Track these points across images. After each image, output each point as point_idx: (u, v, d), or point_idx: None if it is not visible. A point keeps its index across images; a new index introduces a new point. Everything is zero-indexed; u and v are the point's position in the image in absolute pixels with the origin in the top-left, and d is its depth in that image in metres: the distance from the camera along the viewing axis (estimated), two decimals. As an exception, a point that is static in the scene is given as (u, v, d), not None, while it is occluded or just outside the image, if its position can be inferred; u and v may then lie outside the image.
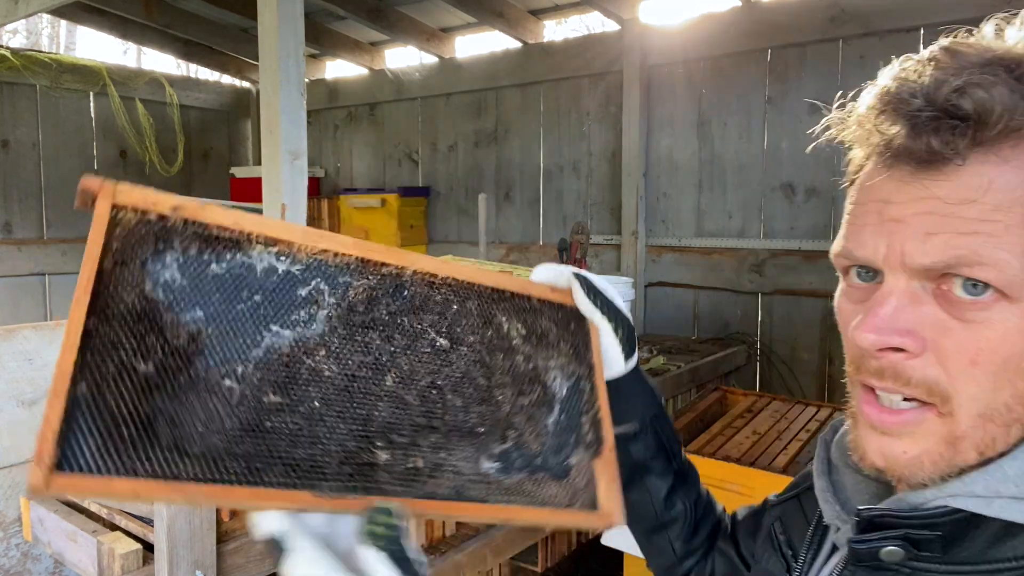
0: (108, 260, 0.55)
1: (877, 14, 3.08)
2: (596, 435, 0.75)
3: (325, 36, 4.69)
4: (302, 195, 1.98)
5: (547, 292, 0.76)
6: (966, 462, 0.52)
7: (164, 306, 0.57)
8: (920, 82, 0.50)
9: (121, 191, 0.57)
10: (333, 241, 0.64)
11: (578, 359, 0.76)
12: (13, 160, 4.48)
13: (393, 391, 0.65)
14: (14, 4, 2.90)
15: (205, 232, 0.59)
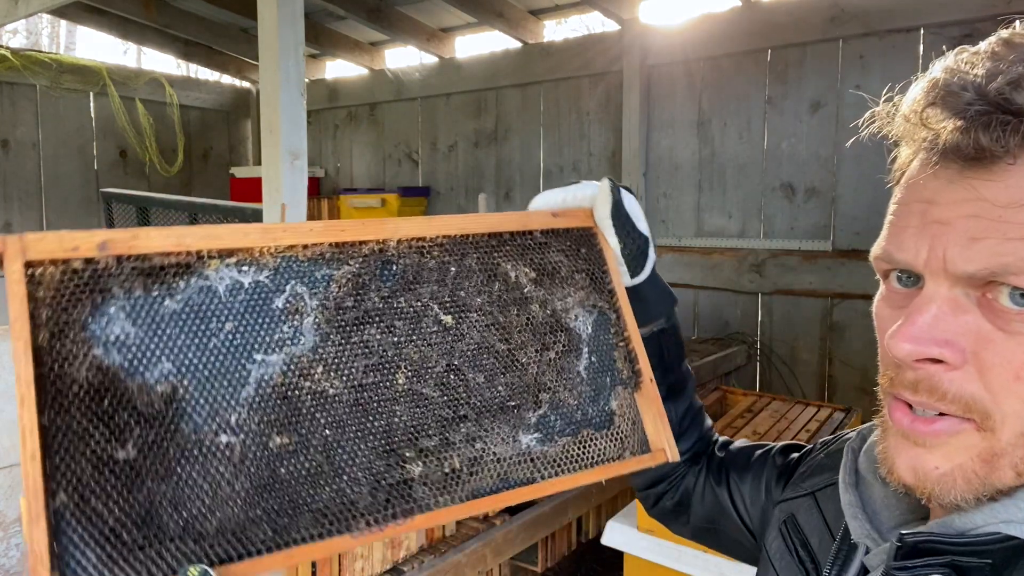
0: (41, 334, 0.46)
1: (877, 14, 3.08)
2: (632, 368, 0.71)
3: (325, 36, 4.68)
4: (302, 195, 1.98)
5: (549, 220, 0.70)
6: (1002, 482, 0.48)
7: (124, 370, 0.48)
8: (973, 74, 0.46)
9: (30, 243, 0.47)
10: (298, 232, 0.56)
11: (596, 288, 0.71)
12: (13, 160, 4.48)
13: (408, 389, 0.59)
14: (14, 4, 2.90)
15: (146, 265, 0.50)
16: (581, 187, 0.74)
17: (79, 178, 4.78)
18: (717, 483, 0.83)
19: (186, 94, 5.30)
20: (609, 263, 0.72)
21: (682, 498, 0.86)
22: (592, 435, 0.67)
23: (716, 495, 0.83)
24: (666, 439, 0.70)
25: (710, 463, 0.86)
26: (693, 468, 0.87)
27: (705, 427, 0.88)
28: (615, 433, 0.68)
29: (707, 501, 0.84)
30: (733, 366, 3.35)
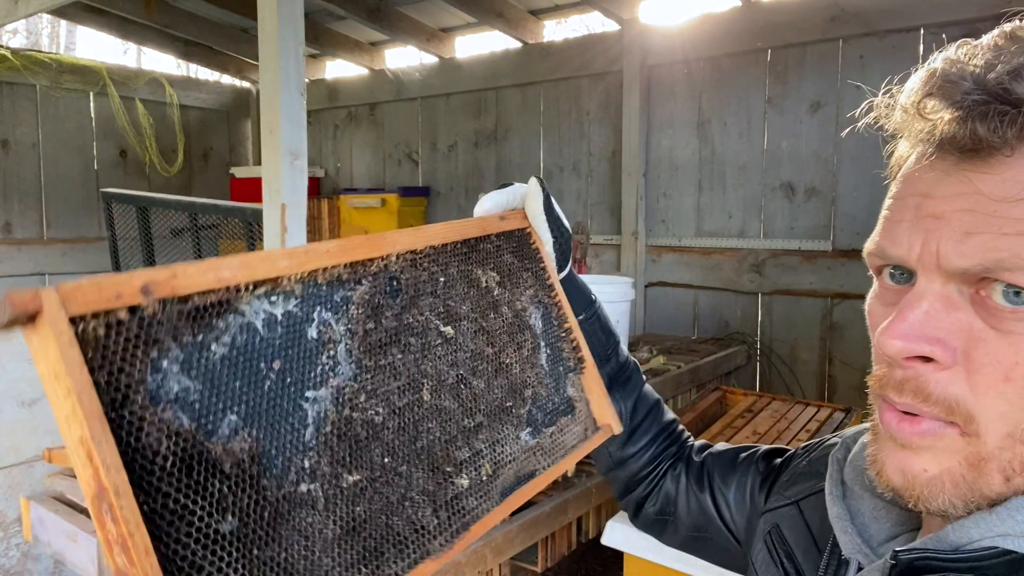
0: (107, 399, 0.40)
1: (877, 14, 3.08)
2: (576, 355, 0.77)
3: (325, 36, 4.69)
4: (302, 195, 1.98)
5: (499, 223, 0.75)
6: (990, 487, 0.46)
7: (197, 430, 0.43)
8: (972, 64, 0.45)
9: (69, 295, 0.40)
10: (317, 255, 0.54)
11: (540, 284, 0.76)
12: (13, 160, 4.48)
13: (433, 404, 0.60)
14: (14, 4, 2.90)
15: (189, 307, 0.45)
16: (516, 187, 0.77)
17: (79, 178, 4.78)
18: (700, 489, 0.82)
19: (186, 94, 5.30)
20: (545, 259, 0.77)
21: (664, 505, 0.85)
22: (566, 421, 0.72)
23: (700, 502, 0.81)
24: (610, 414, 0.76)
25: (689, 468, 0.84)
26: (672, 472, 0.85)
27: (665, 420, 0.87)
28: (578, 416, 0.74)
29: (692, 509, 0.83)
30: (733, 366, 3.35)
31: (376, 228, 4.68)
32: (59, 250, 4.66)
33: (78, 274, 4.73)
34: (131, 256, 3.65)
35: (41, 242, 4.61)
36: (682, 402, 2.85)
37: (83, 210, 4.78)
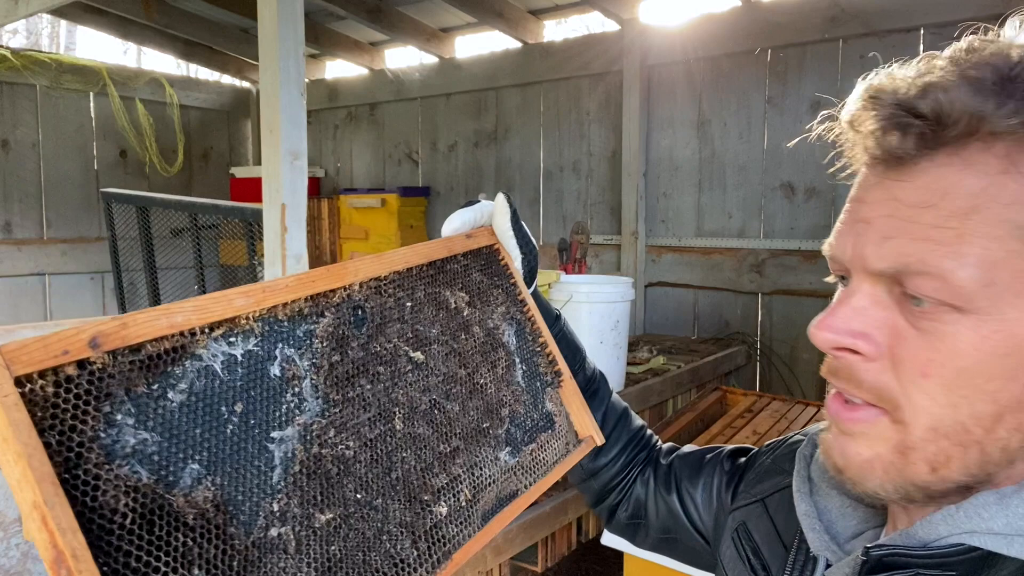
0: (59, 459, 0.38)
1: (877, 14, 3.08)
2: (552, 370, 0.77)
3: (325, 36, 4.68)
4: (302, 195, 1.98)
5: (465, 242, 0.74)
6: (918, 476, 0.49)
7: (158, 482, 0.42)
8: (900, 80, 0.48)
9: (13, 355, 0.38)
10: (275, 291, 0.53)
11: (511, 300, 0.76)
12: (13, 160, 4.48)
13: (406, 433, 0.59)
14: (14, 4, 2.90)
15: (141, 356, 0.44)
16: (484, 204, 0.79)
17: (79, 178, 4.78)
18: (667, 491, 0.83)
19: (186, 94, 5.30)
20: (515, 274, 0.77)
21: (635, 510, 0.86)
22: (546, 437, 0.72)
23: (668, 503, 0.82)
24: (591, 426, 0.76)
25: (657, 471, 0.85)
26: (641, 477, 0.86)
27: (634, 427, 0.88)
28: (559, 431, 0.74)
29: (660, 511, 0.83)
30: (733, 366, 3.35)
31: (376, 228, 4.68)
32: (59, 250, 4.66)
33: (78, 274, 4.75)
34: (131, 256, 3.65)
35: (41, 242, 4.61)
36: (682, 402, 2.85)
37: (83, 210, 4.78)
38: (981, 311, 0.45)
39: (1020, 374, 0.46)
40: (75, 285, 4.76)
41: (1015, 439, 0.47)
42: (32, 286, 4.59)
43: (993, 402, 0.46)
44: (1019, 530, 0.46)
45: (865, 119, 0.50)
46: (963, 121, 0.45)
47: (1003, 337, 0.45)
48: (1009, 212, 0.45)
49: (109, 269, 4.15)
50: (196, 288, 3.50)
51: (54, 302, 4.67)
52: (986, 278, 0.45)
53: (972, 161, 0.46)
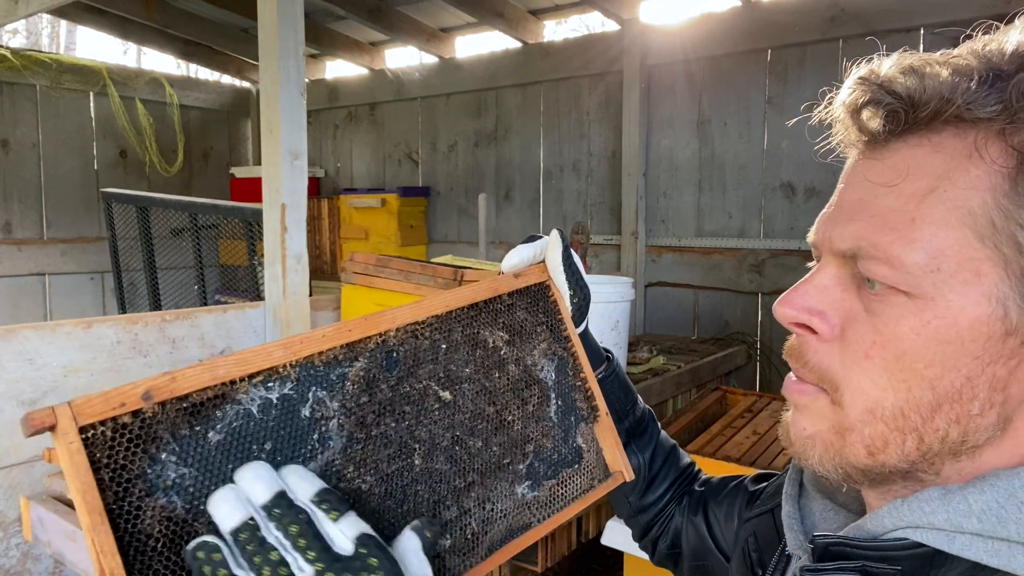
0: (109, 496, 0.47)
1: (877, 14, 3.08)
2: (590, 405, 0.78)
3: (325, 36, 4.68)
4: (302, 195, 1.98)
5: (512, 282, 0.75)
6: (856, 457, 0.49)
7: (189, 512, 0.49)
8: (887, 63, 0.49)
9: (80, 409, 0.47)
10: (313, 342, 0.59)
11: (555, 337, 0.77)
12: (13, 160, 4.48)
13: (424, 468, 0.63)
14: (14, 4, 2.90)
15: (187, 404, 0.51)
16: (541, 241, 0.79)
17: (79, 178, 4.78)
18: (696, 513, 0.84)
19: (186, 94, 5.30)
20: (563, 312, 0.78)
21: (673, 539, 0.87)
22: (569, 473, 0.74)
23: (696, 527, 0.83)
24: (622, 462, 0.78)
25: (691, 497, 0.87)
26: (679, 507, 0.87)
27: (683, 465, 0.89)
28: (585, 466, 0.76)
29: (691, 536, 0.84)
30: (733, 366, 3.35)
31: (376, 228, 4.68)
32: (59, 250, 4.66)
33: (78, 274, 4.74)
34: (131, 256, 3.65)
35: (41, 242, 4.61)
36: (682, 402, 2.85)
37: (83, 210, 4.78)
38: (926, 296, 0.45)
39: (961, 364, 0.45)
40: (75, 285, 4.76)
41: (954, 431, 0.46)
42: (32, 286, 4.59)
43: (931, 389, 0.46)
44: (959, 527, 0.45)
45: (851, 99, 0.50)
46: (932, 103, 0.45)
47: (944, 324, 0.45)
48: (965, 196, 0.44)
49: (109, 269, 4.15)
50: (196, 288, 3.50)
51: (54, 302, 4.67)
52: (932, 264, 0.45)
53: (942, 145, 0.46)
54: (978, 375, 0.45)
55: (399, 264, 2.02)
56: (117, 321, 1.77)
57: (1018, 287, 0.44)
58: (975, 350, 0.45)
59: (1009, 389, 0.45)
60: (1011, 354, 0.45)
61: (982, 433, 0.46)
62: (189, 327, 1.88)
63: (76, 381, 1.69)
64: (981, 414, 0.46)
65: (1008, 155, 0.44)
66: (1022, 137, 0.43)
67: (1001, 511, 0.44)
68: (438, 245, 4.77)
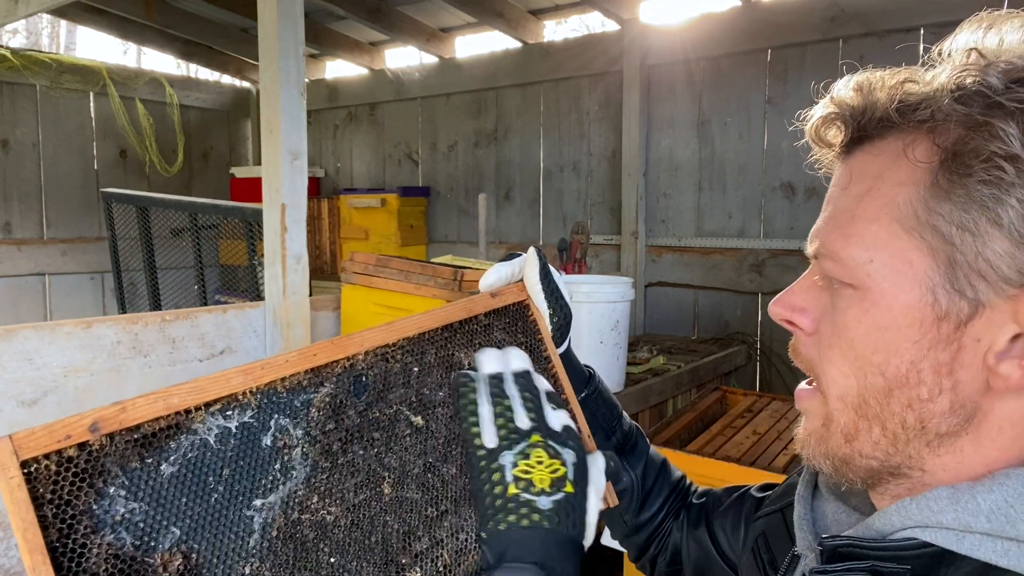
0: (52, 533, 0.45)
1: (877, 14, 3.08)
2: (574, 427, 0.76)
3: (325, 36, 4.68)
4: (302, 195, 1.98)
5: (489, 301, 0.73)
6: (838, 446, 0.53)
7: (138, 549, 0.47)
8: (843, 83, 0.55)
9: (22, 442, 0.45)
10: (275, 367, 0.57)
11: (534, 358, 0.75)
12: (13, 160, 4.48)
13: (394, 497, 0.60)
14: (14, 4, 2.90)
15: (138, 435, 0.49)
16: (519, 259, 0.78)
17: (79, 178, 4.78)
18: (698, 526, 0.83)
19: (186, 94, 5.30)
20: (543, 332, 0.76)
21: (672, 556, 0.86)
22: None
23: (699, 540, 0.82)
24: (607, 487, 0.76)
25: (690, 511, 0.86)
26: (676, 522, 0.86)
27: (675, 479, 0.88)
28: None
29: (692, 550, 0.83)
30: (733, 366, 3.35)
31: (376, 228, 4.67)
32: (59, 250, 4.66)
33: (78, 274, 4.74)
34: (131, 256, 3.65)
35: (41, 242, 4.61)
36: (682, 402, 2.85)
37: (83, 210, 4.78)
38: (864, 287, 0.49)
39: (902, 348, 0.48)
40: (75, 285, 4.76)
41: (909, 416, 0.49)
42: (32, 286, 4.59)
43: (881, 374, 0.49)
44: (968, 526, 0.46)
45: (816, 119, 0.56)
46: (868, 111, 0.51)
47: (880, 311, 0.49)
48: (893, 192, 0.48)
49: (109, 269, 4.15)
50: (196, 288, 3.50)
51: (54, 302, 4.67)
52: (866, 256, 0.49)
53: (883, 149, 0.50)
54: (920, 359, 0.48)
55: (399, 264, 2.02)
56: (117, 321, 1.77)
57: (947, 274, 0.46)
58: (912, 335, 0.48)
59: (956, 375, 0.47)
60: (948, 339, 0.47)
61: (940, 420, 0.48)
62: (189, 327, 1.88)
63: (76, 381, 1.69)
64: (931, 399, 0.48)
65: (933, 152, 0.47)
66: (946, 135, 0.47)
67: (1010, 510, 0.45)
68: (438, 245, 4.77)
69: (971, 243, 0.45)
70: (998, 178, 0.44)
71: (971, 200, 0.45)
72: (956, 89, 0.47)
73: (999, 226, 0.44)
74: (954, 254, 0.46)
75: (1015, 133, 0.43)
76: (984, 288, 0.45)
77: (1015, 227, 0.44)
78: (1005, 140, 0.43)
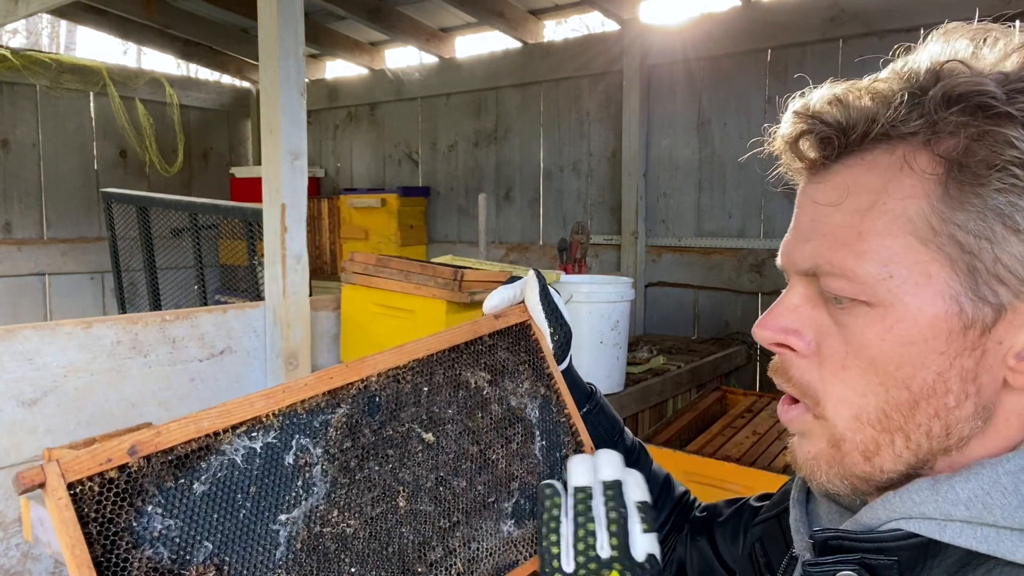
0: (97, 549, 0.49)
1: (877, 14, 3.08)
2: (575, 440, 0.79)
3: (325, 36, 4.68)
4: (302, 195, 1.98)
5: (493, 323, 0.77)
6: (855, 465, 0.52)
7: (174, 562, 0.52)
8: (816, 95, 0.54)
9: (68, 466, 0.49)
10: (294, 391, 0.61)
11: (536, 374, 0.78)
12: (13, 160, 4.48)
13: (409, 510, 0.64)
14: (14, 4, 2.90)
15: (172, 457, 0.54)
16: (521, 282, 0.81)
17: (79, 178, 4.78)
18: (699, 535, 0.84)
19: (186, 94, 5.30)
20: (544, 350, 0.80)
21: (678, 570, 0.87)
22: None
23: (700, 550, 0.83)
24: None
25: (693, 523, 0.87)
26: (679, 536, 0.87)
27: (678, 494, 0.89)
28: None
29: (695, 561, 0.84)
30: (733, 366, 3.35)
31: (376, 228, 4.67)
32: (59, 250, 4.66)
33: (78, 274, 4.74)
34: (131, 256, 3.65)
35: (41, 242, 4.61)
36: (682, 402, 2.85)
37: (83, 210, 4.78)
38: (884, 303, 0.48)
39: (929, 361, 0.48)
40: (75, 285, 4.76)
41: (936, 425, 0.49)
42: (32, 286, 4.59)
43: (906, 389, 0.48)
44: (948, 515, 0.47)
45: (788, 133, 0.54)
46: (860, 126, 0.50)
47: (906, 326, 0.48)
48: (903, 206, 0.48)
49: (109, 269, 4.15)
50: (196, 288, 3.50)
51: (54, 302, 4.67)
52: (884, 272, 0.48)
53: (875, 163, 0.50)
54: (947, 369, 0.48)
55: (399, 264, 2.02)
56: (117, 321, 1.77)
57: (967, 282, 0.46)
58: (939, 346, 0.47)
59: (980, 379, 0.48)
60: (974, 345, 0.47)
61: (964, 424, 0.48)
62: (189, 327, 1.88)
63: (76, 381, 1.69)
64: (958, 406, 0.48)
65: (936, 163, 0.47)
66: (946, 145, 0.47)
67: (987, 497, 0.46)
68: (438, 245, 4.77)
69: (989, 250, 0.45)
70: (1013, 185, 0.44)
71: (987, 208, 0.45)
72: (952, 99, 0.46)
73: (1016, 231, 0.45)
74: (973, 262, 0.46)
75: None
76: (1004, 292, 0.46)
77: None
78: (1019, 148, 0.44)
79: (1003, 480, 0.46)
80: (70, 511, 0.48)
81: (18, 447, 1.61)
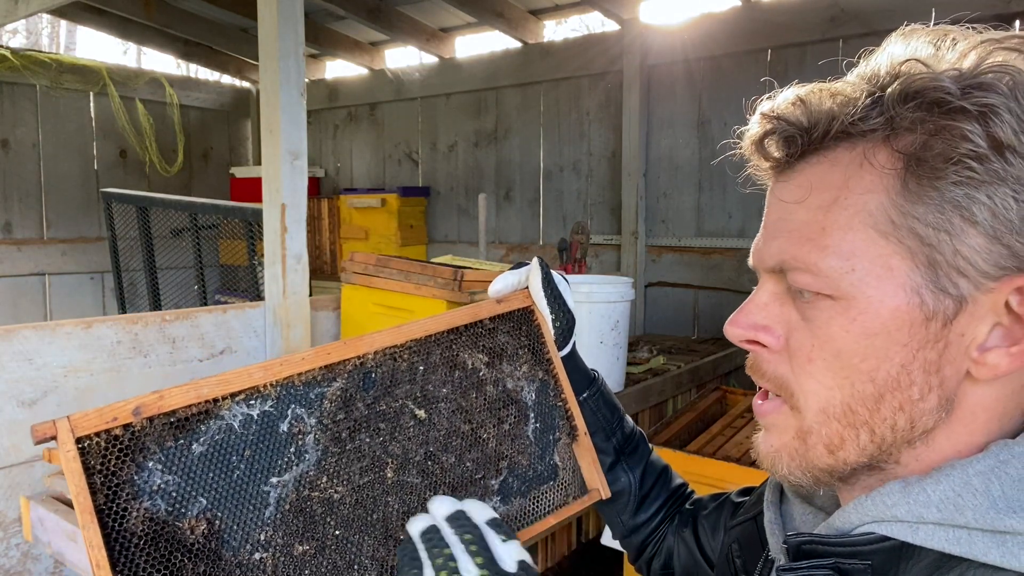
0: (99, 498, 0.54)
1: (877, 14, 3.08)
2: (570, 424, 0.81)
3: (325, 36, 4.68)
4: (302, 195, 1.98)
5: (494, 307, 0.79)
6: (819, 458, 0.52)
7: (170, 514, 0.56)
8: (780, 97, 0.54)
9: (77, 422, 0.54)
10: (292, 363, 0.64)
11: (536, 358, 0.80)
12: (13, 160, 4.48)
13: (396, 480, 0.67)
14: (14, 4, 2.90)
15: (173, 419, 0.58)
16: (525, 268, 0.83)
17: (79, 178, 4.78)
18: (685, 527, 0.86)
19: (186, 94, 5.30)
20: (545, 335, 0.81)
21: (666, 559, 0.88)
22: (543, 489, 0.78)
23: (686, 542, 0.85)
24: (599, 480, 0.81)
25: (681, 516, 0.88)
26: (671, 526, 0.89)
27: (675, 485, 0.91)
28: (560, 483, 0.79)
29: (682, 553, 0.85)
30: (733, 366, 3.35)
31: (376, 228, 4.67)
32: (59, 250, 4.66)
33: (78, 274, 4.74)
34: (131, 256, 3.65)
35: (41, 242, 4.61)
36: (682, 402, 2.85)
37: (83, 210, 4.78)
38: (847, 296, 0.49)
39: (892, 353, 0.48)
40: (75, 285, 4.76)
41: (900, 418, 0.49)
42: (32, 286, 4.59)
43: (871, 381, 0.49)
44: (920, 518, 0.47)
45: (753, 134, 0.55)
46: (821, 124, 0.51)
47: (868, 318, 0.49)
48: (863, 200, 0.49)
49: (109, 269, 4.15)
50: (196, 288, 3.50)
51: (54, 302, 4.67)
52: (847, 266, 0.49)
53: (837, 160, 0.51)
54: (910, 361, 0.48)
55: (399, 264, 2.02)
56: (117, 321, 1.77)
57: (928, 275, 0.47)
58: (901, 338, 0.48)
59: (943, 372, 0.48)
60: (936, 338, 0.48)
61: (928, 417, 0.49)
62: (189, 327, 1.88)
63: (76, 381, 1.69)
64: (922, 398, 0.48)
65: (895, 158, 0.48)
66: (904, 141, 0.48)
67: (958, 499, 0.46)
68: (438, 245, 4.77)
69: (948, 242, 0.46)
70: (969, 178, 0.45)
71: (944, 201, 0.46)
72: (909, 96, 0.48)
73: (973, 223, 0.45)
74: (933, 254, 0.47)
75: (980, 134, 0.45)
76: (965, 284, 0.47)
77: (988, 223, 0.45)
78: (973, 141, 0.45)
79: (974, 481, 0.46)
80: (77, 462, 0.52)
81: (18, 447, 1.61)
